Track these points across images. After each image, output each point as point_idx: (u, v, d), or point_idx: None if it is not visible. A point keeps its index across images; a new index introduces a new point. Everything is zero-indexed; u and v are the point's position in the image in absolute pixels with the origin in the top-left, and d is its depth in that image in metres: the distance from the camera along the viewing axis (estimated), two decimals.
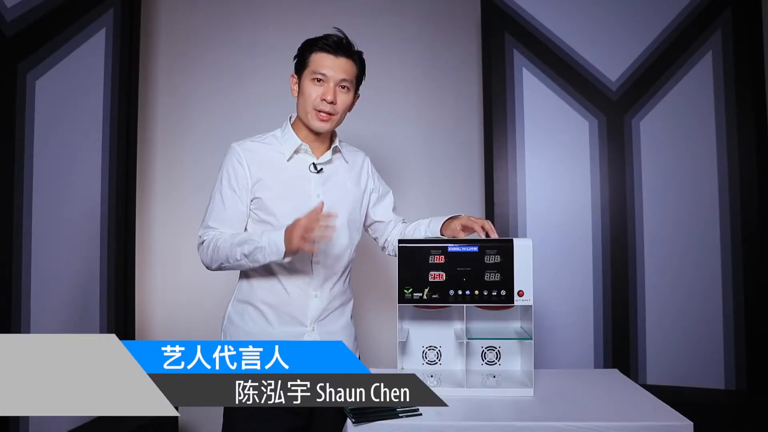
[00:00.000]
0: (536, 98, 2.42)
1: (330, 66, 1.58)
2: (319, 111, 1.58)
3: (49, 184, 1.97)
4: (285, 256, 1.49)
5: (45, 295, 1.95)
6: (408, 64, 2.81)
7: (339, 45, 1.59)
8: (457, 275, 1.52)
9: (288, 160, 1.62)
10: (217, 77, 2.84)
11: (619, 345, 2.35)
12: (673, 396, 1.60)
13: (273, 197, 1.59)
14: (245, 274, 1.65)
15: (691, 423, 1.33)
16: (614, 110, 2.39)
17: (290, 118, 1.70)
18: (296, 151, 1.63)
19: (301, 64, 1.63)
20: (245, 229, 1.63)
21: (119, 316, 2.33)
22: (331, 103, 1.58)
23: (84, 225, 2.16)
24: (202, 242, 1.61)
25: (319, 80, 1.58)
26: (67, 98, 2.06)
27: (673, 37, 2.36)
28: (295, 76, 1.65)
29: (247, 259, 1.53)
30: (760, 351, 2.24)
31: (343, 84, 1.59)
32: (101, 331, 2.23)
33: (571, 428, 1.32)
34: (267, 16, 2.85)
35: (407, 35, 2.82)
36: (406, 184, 2.68)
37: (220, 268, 1.61)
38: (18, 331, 1.85)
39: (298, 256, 1.53)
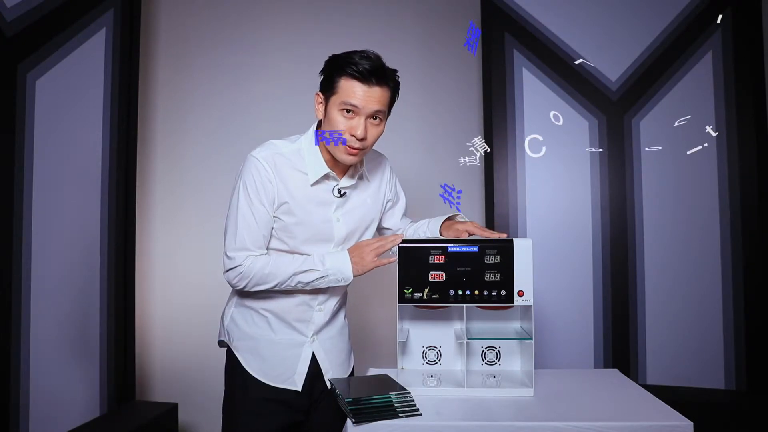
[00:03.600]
0: (536, 98, 2.42)
1: (361, 97, 1.42)
2: (348, 146, 1.46)
3: (49, 183, 1.97)
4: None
5: (45, 295, 1.95)
6: (408, 64, 2.80)
7: (372, 73, 1.42)
8: (457, 275, 1.52)
9: (312, 185, 1.54)
10: (216, 77, 2.84)
11: (619, 345, 2.35)
12: (673, 396, 1.60)
13: (296, 223, 1.53)
14: None
15: (691, 423, 1.32)
16: (614, 110, 2.39)
17: (316, 129, 1.57)
18: (324, 176, 1.54)
19: (328, 86, 1.47)
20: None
21: (119, 316, 2.33)
22: (362, 138, 1.45)
23: (84, 225, 2.17)
24: (236, 267, 1.50)
25: (348, 111, 1.44)
26: (67, 98, 2.06)
27: (673, 37, 2.35)
28: (321, 95, 1.50)
29: (303, 285, 1.52)
30: (760, 351, 2.24)
31: (376, 116, 1.46)
32: (101, 331, 2.23)
33: (571, 428, 1.32)
34: (267, 16, 2.85)
35: (407, 35, 2.82)
36: (405, 184, 2.68)
37: (257, 290, 1.55)
38: (18, 331, 1.85)
39: None
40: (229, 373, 1.64)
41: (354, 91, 1.43)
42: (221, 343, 1.69)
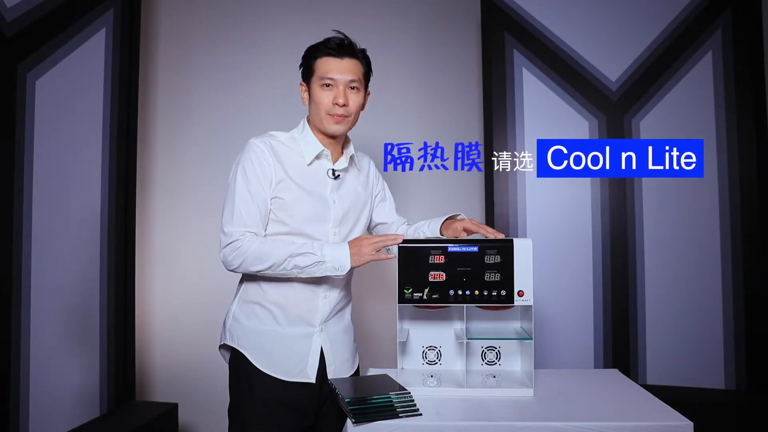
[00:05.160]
0: (536, 98, 2.42)
1: (336, 69, 1.58)
2: (333, 115, 1.58)
3: (49, 184, 1.97)
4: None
5: (45, 295, 1.95)
6: (408, 64, 2.81)
7: (342, 47, 1.58)
8: (457, 275, 1.52)
9: (308, 165, 1.62)
10: (217, 77, 2.84)
11: (619, 345, 2.35)
12: (673, 396, 1.60)
13: (294, 200, 1.57)
14: (252, 276, 1.60)
15: (691, 423, 1.33)
16: (614, 110, 2.39)
17: (307, 119, 1.67)
18: (317, 157, 1.62)
19: (307, 72, 1.62)
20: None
21: (119, 316, 2.33)
22: (344, 105, 1.58)
23: (84, 225, 2.17)
24: (233, 242, 1.53)
25: (328, 85, 1.58)
26: (67, 98, 2.06)
27: (673, 37, 2.36)
28: (304, 84, 1.64)
29: (298, 270, 1.52)
30: (760, 351, 2.24)
31: (353, 85, 1.59)
32: (101, 331, 2.23)
33: (571, 428, 1.32)
34: (267, 16, 2.85)
35: (407, 35, 2.82)
36: (406, 185, 2.68)
37: (248, 272, 1.55)
38: (18, 331, 1.85)
39: None
40: (234, 380, 1.62)
41: (329, 66, 1.58)
42: (224, 349, 1.66)
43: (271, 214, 1.58)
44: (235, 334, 1.61)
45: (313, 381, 1.58)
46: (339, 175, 1.65)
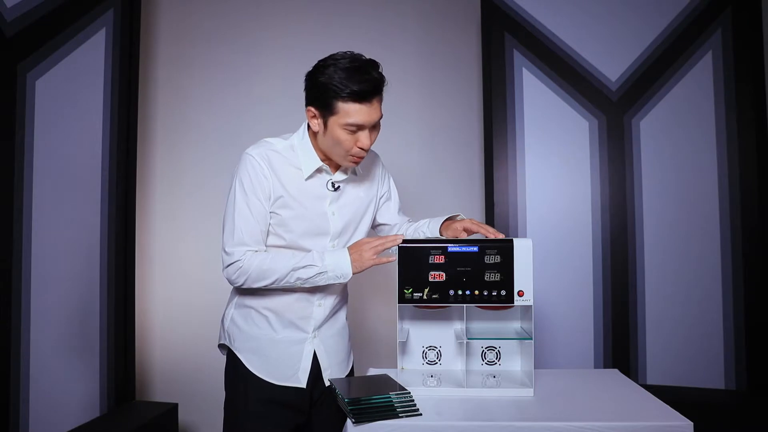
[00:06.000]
0: (536, 98, 2.42)
1: (366, 117, 1.45)
2: (355, 155, 1.51)
3: (49, 183, 1.97)
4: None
5: (45, 295, 1.95)
6: (408, 64, 2.81)
7: (369, 92, 1.44)
8: (457, 275, 1.52)
9: (306, 179, 1.57)
10: (217, 77, 2.84)
11: (619, 345, 2.35)
12: (673, 396, 1.60)
13: (292, 217, 1.55)
14: None
15: (691, 423, 1.33)
16: (614, 110, 2.39)
17: (308, 130, 1.58)
18: (317, 170, 1.57)
19: (324, 106, 1.46)
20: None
21: (119, 315, 2.33)
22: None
23: (84, 225, 2.17)
24: (235, 262, 1.51)
25: (352, 130, 1.47)
26: (67, 98, 2.06)
27: (673, 37, 2.35)
28: (314, 110, 1.50)
29: (302, 282, 1.52)
30: (761, 351, 2.24)
31: (377, 122, 1.51)
32: (101, 331, 2.23)
33: (571, 428, 1.32)
34: (266, 16, 2.85)
35: (407, 35, 2.82)
36: (406, 185, 2.68)
37: (253, 287, 1.54)
38: (18, 331, 1.85)
39: None
40: (230, 377, 1.63)
41: (358, 112, 1.45)
42: (222, 347, 1.68)
43: (269, 227, 1.56)
44: (232, 336, 1.63)
45: (304, 386, 1.59)
46: (339, 186, 1.61)
